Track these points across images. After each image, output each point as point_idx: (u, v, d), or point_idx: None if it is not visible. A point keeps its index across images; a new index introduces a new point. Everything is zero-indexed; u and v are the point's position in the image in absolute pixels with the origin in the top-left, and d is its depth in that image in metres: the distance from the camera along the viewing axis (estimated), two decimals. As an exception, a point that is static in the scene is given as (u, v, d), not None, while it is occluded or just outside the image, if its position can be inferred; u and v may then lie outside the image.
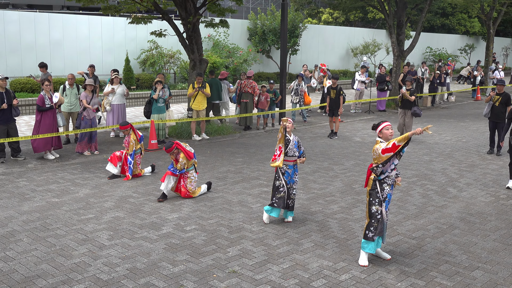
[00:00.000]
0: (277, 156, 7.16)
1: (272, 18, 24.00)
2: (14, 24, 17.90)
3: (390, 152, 5.72)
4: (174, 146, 8.20)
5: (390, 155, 5.73)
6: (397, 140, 5.70)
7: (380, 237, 6.06)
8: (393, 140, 5.74)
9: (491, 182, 9.65)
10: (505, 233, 7.04)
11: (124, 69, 19.47)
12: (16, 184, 8.98)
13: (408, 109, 13.25)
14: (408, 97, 13.10)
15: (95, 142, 11.48)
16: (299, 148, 7.30)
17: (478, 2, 24.92)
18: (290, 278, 5.60)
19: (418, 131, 5.70)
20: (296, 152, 7.24)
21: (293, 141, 7.21)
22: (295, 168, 7.33)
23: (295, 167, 7.32)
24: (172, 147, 8.18)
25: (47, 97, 10.58)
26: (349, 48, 29.46)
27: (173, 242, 6.54)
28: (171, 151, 8.20)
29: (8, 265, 5.78)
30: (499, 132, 11.79)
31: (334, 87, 13.78)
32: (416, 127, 14.35)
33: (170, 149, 8.17)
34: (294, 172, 7.32)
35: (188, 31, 13.50)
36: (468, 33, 38.20)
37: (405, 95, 13.12)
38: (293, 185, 7.28)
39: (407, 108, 13.27)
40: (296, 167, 7.35)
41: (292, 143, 7.19)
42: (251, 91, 14.68)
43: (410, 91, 13.18)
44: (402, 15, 20.35)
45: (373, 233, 5.90)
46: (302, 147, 7.40)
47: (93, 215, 7.49)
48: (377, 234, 5.90)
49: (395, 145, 5.69)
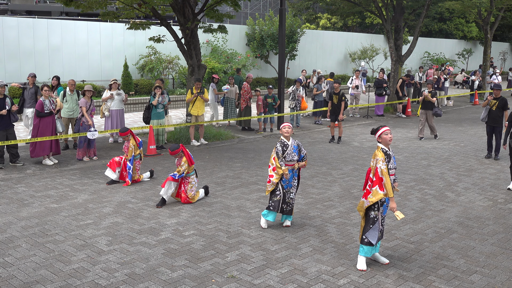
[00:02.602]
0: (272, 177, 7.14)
1: (270, 23, 24.08)
2: (13, 30, 17.95)
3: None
4: (180, 149, 8.23)
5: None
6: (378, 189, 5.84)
7: (379, 242, 6.10)
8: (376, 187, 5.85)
9: (489, 186, 9.68)
10: (503, 237, 7.06)
11: (123, 75, 19.51)
12: (14, 190, 8.99)
13: (430, 110, 14.43)
14: (430, 99, 14.26)
15: (94, 147, 11.49)
16: (299, 152, 7.24)
17: (475, 7, 25.02)
18: (288, 283, 5.61)
19: (393, 209, 5.83)
20: (295, 156, 7.19)
21: (291, 145, 7.18)
22: (295, 172, 7.29)
23: (294, 171, 7.27)
24: (178, 150, 8.20)
25: (46, 103, 10.61)
26: (347, 53, 29.54)
27: (172, 247, 6.55)
28: (177, 153, 8.22)
29: (7, 271, 5.79)
30: (496, 136, 11.87)
31: (337, 93, 13.77)
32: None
33: (175, 151, 8.20)
34: (293, 176, 7.28)
35: (186, 37, 13.54)
36: (466, 38, 38.35)
37: (427, 96, 14.27)
38: (291, 189, 7.24)
39: (429, 109, 14.43)
40: (296, 171, 7.31)
41: (290, 148, 7.16)
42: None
43: (431, 93, 14.38)
44: (400, 20, 20.45)
45: (371, 237, 5.92)
46: (303, 150, 7.32)
47: (92, 220, 7.50)
48: (372, 238, 5.92)
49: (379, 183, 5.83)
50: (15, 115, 10.53)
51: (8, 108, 10.19)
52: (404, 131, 16.19)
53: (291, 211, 7.31)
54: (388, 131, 6.04)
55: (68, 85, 12.12)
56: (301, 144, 7.34)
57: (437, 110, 14.42)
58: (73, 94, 12.10)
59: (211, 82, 15.89)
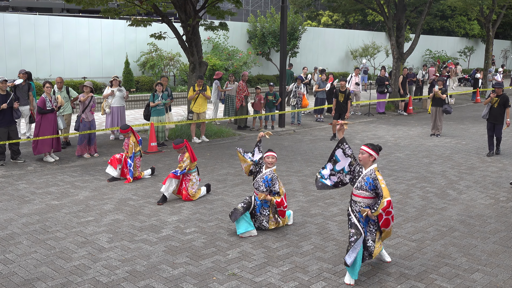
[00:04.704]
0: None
1: (272, 20, 24.03)
2: (14, 26, 17.92)
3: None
4: (184, 143, 8.23)
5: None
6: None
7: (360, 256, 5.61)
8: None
9: (491, 184, 9.66)
10: (504, 236, 7.04)
11: (124, 72, 19.49)
12: (15, 187, 8.98)
13: (440, 107, 14.58)
14: (440, 95, 14.43)
15: (94, 144, 11.48)
16: (268, 187, 6.79)
17: (477, 5, 24.97)
18: (289, 281, 5.59)
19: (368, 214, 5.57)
20: (261, 187, 6.82)
21: (264, 175, 6.81)
22: (264, 203, 6.85)
23: (263, 201, 6.84)
24: (181, 144, 8.21)
25: (48, 100, 10.60)
26: (349, 51, 29.50)
27: (173, 244, 6.54)
28: (180, 147, 8.22)
29: (8, 268, 5.78)
30: (496, 133, 12.09)
31: (343, 91, 13.70)
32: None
33: (179, 145, 8.20)
34: (262, 206, 6.86)
35: (187, 34, 13.52)
36: (468, 36, 38.27)
37: (438, 93, 14.42)
38: (261, 216, 6.85)
39: (439, 105, 14.59)
40: (265, 203, 6.83)
41: (261, 176, 6.83)
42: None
43: (441, 90, 14.47)
44: (402, 18, 20.39)
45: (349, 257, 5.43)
46: (275, 189, 6.77)
47: (93, 217, 7.49)
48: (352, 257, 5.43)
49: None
50: (18, 112, 10.53)
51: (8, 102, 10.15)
52: (405, 128, 16.17)
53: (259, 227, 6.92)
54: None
55: (55, 83, 12.09)
56: (276, 183, 6.81)
57: (446, 107, 14.51)
58: (61, 91, 12.07)
59: (215, 79, 15.89)
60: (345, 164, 5.96)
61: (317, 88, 17.41)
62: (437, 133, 14.76)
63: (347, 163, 5.95)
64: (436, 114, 14.67)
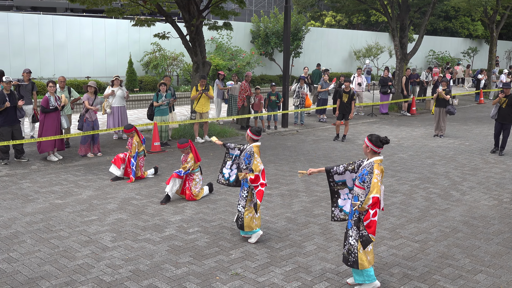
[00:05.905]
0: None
1: (275, 20, 24.03)
2: (18, 26, 17.97)
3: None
4: (188, 143, 8.24)
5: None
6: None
7: None
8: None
9: (494, 185, 9.64)
10: (508, 237, 7.03)
11: (127, 72, 19.52)
12: (19, 186, 9.01)
13: (443, 107, 14.61)
14: (444, 96, 14.41)
15: (98, 144, 11.50)
16: (248, 164, 6.51)
17: (481, 6, 24.92)
18: (292, 281, 5.60)
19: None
20: (242, 164, 6.63)
21: (244, 152, 6.62)
22: (244, 183, 6.59)
23: (243, 181, 6.59)
24: (186, 144, 8.22)
25: (52, 99, 10.62)
26: (352, 51, 29.47)
27: (176, 244, 6.55)
28: (185, 147, 8.23)
29: (12, 267, 5.80)
30: (504, 133, 12.20)
31: (347, 91, 13.68)
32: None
33: (184, 145, 8.21)
34: (243, 186, 6.62)
35: (191, 34, 13.53)
36: (471, 36, 38.18)
37: (441, 94, 14.38)
38: (239, 200, 6.67)
39: (442, 106, 14.62)
40: (245, 182, 6.56)
41: (243, 154, 6.64)
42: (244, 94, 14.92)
43: (445, 91, 14.42)
44: (405, 18, 20.36)
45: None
46: (250, 166, 6.49)
47: (96, 216, 7.51)
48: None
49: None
50: (22, 111, 10.55)
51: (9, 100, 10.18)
52: (408, 129, 16.14)
53: (242, 226, 6.61)
54: None
55: (58, 83, 12.11)
56: (252, 159, 6.49)
57: (450, 108, 14.54)
58: (63, 91, 12.09)
59: (216, 79, 15.93)
60: (347, 178, 5.65)
61: (320, 89, 17.40)
62: (440, 134, 14.75)
63: (349, 177, 5.64)
64: (439, 115, 14.69)
